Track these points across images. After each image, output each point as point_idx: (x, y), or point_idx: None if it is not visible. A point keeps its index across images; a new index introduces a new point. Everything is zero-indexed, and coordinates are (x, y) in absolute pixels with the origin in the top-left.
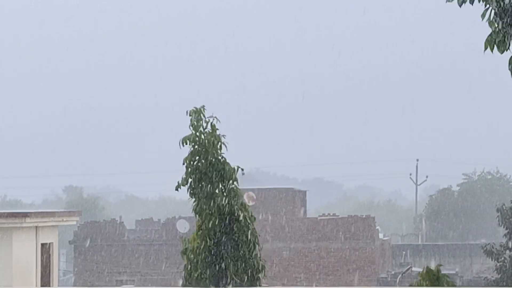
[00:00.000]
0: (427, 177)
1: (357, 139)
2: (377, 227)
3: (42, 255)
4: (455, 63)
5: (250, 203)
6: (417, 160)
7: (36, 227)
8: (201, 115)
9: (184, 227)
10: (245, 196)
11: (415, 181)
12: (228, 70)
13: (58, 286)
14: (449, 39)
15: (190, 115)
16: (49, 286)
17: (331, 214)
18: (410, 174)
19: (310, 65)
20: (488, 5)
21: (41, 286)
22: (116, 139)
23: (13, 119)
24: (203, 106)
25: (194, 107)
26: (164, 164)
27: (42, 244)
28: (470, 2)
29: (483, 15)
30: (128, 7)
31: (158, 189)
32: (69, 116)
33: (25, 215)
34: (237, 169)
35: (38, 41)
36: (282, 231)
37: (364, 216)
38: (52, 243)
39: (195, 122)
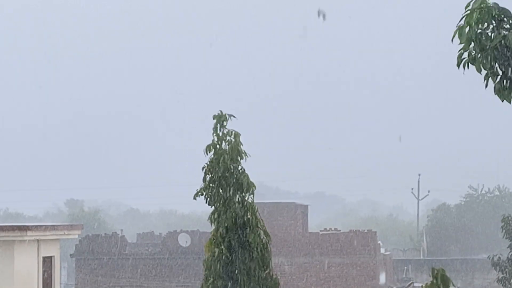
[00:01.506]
0: (429, 191)
1: (359, 153)
2: (378, 242)
3: (43, 268)
4: (458, 77)
5: None
6: (419, 174)
7: (38, 240)
8: (225, 121)
9: (185, 241)
10: None
11: (416, 196)
12: (230, 82)
13: None
14: (452, 50)
15: (214, 119)
16: None
17: (333, 228)
18: (412, 189)
19: (310, 79)
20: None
21: None
22: (117, 152)
23: (14, 133)
24: (231, 115)
25: (220, 111)
26: (166, 178)
27: (44, 257)
28: (471, 63)
29: (485, 78)
30: (128, 7)
31: (159, 203)
32: (71, 130)
33: (27, 228)
34: (254, 185)
35: (40, 46)
36: (284, 245)
37: (365, 231)
38: (54, 256)
39: (218, 127)
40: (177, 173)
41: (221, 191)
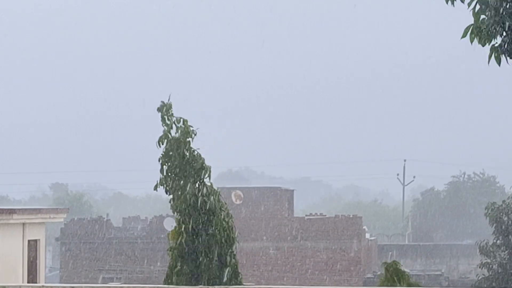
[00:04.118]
0: (414, 177)
1: (345, 139)
2: (363, 227)
3: (29, 251)
4: (444, 65)
5: (238, 202)
6: (405, 160)
7: (23, 223)
8: (171, 110)
9: (171, 225)
10: (232, 195)
11: (402, 182)
12: (217, 69)
13: (44, 282)
14: (439, 41)
15: (159, 111)
16: (36, 282)
17: (318, 213)
18: (398, 175)
19: (297, 65)
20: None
21: (27, 282)
22: (103, 136)
23: None
24: (170, 103)
25: (162, 102)
26: (152, 162)
27: (29, 241)
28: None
29: (469, 4)
30: (128, 9)
31: (145, 187)
32: (56, 113)
33: (12, 211)
34: (210, 168)
35: (30, 41)
36: (269, 230)
37: (350, 216)
38: (39, 239)
39: (165, 118)
40: None
41: (177, 179)
